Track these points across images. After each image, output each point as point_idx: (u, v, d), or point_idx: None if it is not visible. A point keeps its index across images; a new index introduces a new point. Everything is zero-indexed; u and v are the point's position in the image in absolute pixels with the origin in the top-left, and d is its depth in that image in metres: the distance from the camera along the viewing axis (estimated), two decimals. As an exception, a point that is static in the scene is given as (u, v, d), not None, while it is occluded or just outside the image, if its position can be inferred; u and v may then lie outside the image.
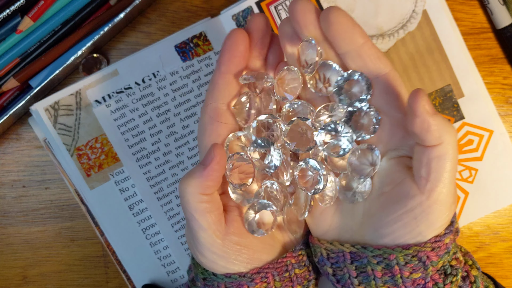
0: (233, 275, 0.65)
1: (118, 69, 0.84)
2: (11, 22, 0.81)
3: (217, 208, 0.64)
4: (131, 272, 0.87)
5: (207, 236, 0.63)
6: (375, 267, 0.63)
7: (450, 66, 0.84)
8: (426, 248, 0.61)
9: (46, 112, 0.83)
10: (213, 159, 0.62)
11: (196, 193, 0.62)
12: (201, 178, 0.62)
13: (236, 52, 0.63)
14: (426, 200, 0.60)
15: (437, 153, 0.59)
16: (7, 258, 0.90)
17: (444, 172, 0.59)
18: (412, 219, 0.61)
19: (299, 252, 0.69)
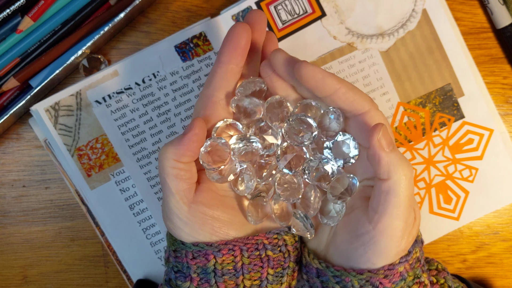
0: (200, 244, 0.67)
1: (118, 69, 0.84)
2: (11, 22, 0.81)
3: (189, 177, 0.67)
4: (131, 271, 0.87)
5: (175, 201, 0.66)
6: (335, 286, 0.67)
7: (450, 65, 0.85)
8: (378, 275, 0.65)
9: (47, 112, 0.83)
10: (191, 130, 0.64)
11: (171, 159, 0.65)
12: (177, 146, 0.65)
13: (238, 44, 0.65)
14: (372, 230, 0.64)
15: (386, 187, 0.62)
16: (7, 257, 0.90)
17: (391, 206, 0.62)
18: (361, 245, 0.65)
19: (274, 236, 0.70)
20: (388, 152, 0.61)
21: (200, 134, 0.65)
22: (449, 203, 0.87)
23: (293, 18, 0.84)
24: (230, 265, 0.68)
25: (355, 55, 0.85)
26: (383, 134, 0.61)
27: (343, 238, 0.67)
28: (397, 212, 0.62)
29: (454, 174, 0.86)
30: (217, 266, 0.67)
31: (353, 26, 0.84)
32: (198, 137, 0.65)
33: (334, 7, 0.84)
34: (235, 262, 0.68)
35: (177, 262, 0.69)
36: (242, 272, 0.68)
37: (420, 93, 0.85)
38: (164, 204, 0.68)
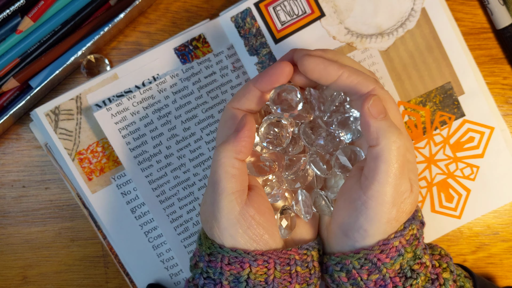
0: (238, 250, 0.67)
1: (118, 72, 0.84)
2: (11, 22, 0.81)
3: (243, 180, 0.68)
4: (134, 275, 0.87)
5: (228, 201, 0.66)
6: (340, 274, 0.69)
7: (449, 63, 0.85)
8: (374, 251, 0.67)
9: (47, 117, 0.83)
10: (245, 125, 0.66)
11: (231, 157, 0.66)
12: (234, 143, 0.66)
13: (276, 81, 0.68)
14: (363, 195, 0.66)
15: (375, 153, 0.65)
16: (7, 258, 0.90)
17: (379, 172, 0.64)
18: (353, 210, 0.67)
19: (304, 251, 0.71)
20: (378, 120, 0.64)
21: (253, 128, 0.67)
22: (451, 201, 0.87)
23: (292, 19, 0.84)
24: (262, 276, 0.68)
25: (354, 55, 0.85)
26: (374, 103, 0.65)
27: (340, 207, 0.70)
28: (386, 178, 0.64)
29: (455, 172, 0.86)
30: (251, 276, 0.68)
31: (352, 26, 0.84)
32: (252, 131, 0.67)
33: (333, 7, 0.84)
34: (268, 275, 0.68)
35: (209, 267, 0.70)
36: (273, 285, 0.69)
37: (420, 92, 0.85)
38: (214, 204, 0.68)
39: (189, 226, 0.86)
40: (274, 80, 0.68)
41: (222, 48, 0.85)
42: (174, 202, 0.86)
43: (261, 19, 0.83)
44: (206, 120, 0.85)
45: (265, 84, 0.68)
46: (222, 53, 0.85)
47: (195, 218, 0.86)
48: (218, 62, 0.85)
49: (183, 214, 0.86)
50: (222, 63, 0.85)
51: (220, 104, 0.85)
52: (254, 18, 0.83)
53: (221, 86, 0.85)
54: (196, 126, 0.85)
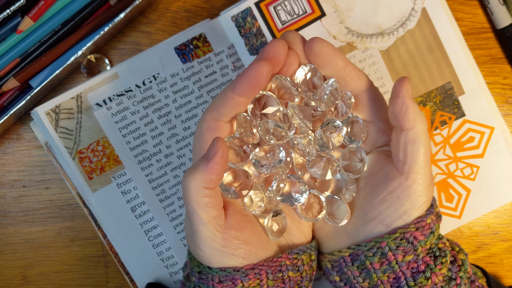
0: (227, 269, 0.66)
1: (119, 72, 0.84)
2: (11, 22, 0.81)
3: (218, 203, 0.64)
4: (134, 273, 0.87)
5: (207, 231, 0.64)
6: (372, 260, 0.67)
7: (450, 63, 0.85)
8: (410, 228, 0.66)
9: (47, 116, 0.83)
10: (216, 153, 0.61)
11: (200, 187, 0.62)
12: (204, 172, 0.61)
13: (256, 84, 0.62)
14: (405, 180, 0.65)
15: (412, 137, 0.64)
16: (7, 258, 0.90)
17: (419, 155, 0.65)
18: (395, 199, 0.66)
19: (295, 256, 0.70)
20: (413, 103, 0.64)
21: (225, 155, 0.62)
22: (451, 201, 0.87)
23: (293, 18, 0.84)
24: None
25: (355, 54, 0.85)
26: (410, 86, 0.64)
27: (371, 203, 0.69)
28: (426, 159, 0.65)
29: (455, 172, 0.86)
30: None
31: (352, 26, 0.84)
32: (224, 158, 0.62)
33: (333, 7, 0.84)
34: (261, 286, 0.67)
35: (201, 283, 0.68)
36: None
37: (421, 91, 0.85)
38: (194, 234, 0.65)
39: (189, 225, 0.86)
40: (254, 84, 0.62)
41: (222, 48, 0.85)
42: (174, 201, 0.86)
43: (262, 18, 0.83)
44: (206, 119, 0.85)
45: (244, 89, 0.63)
46: (222, 52, 0.85)
47: (195, 218, 0.86)
48: (219, 61, 0.85)
49: (182, 213, 0.86)
50: (223, 63, 0.85)
51: (220, 104, 0.85)
52: (255, 18, 0.83)
53: (222, 86, 0.85)
54: (196, 125, 0.85)
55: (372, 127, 0.70)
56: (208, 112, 0.66)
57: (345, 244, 0.71)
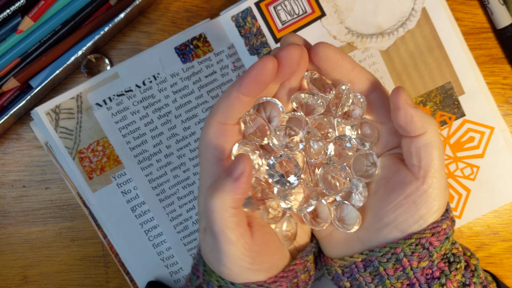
0: (251, 285, 0.65)
1: (119, 71, 0.84)
2: (11, 22, 0.81)
3: (244, 221, 0.63)
4: (134, 273, 0.87)
5: (236, 250, 0.62)
6: (386, 266, 0.66)
7: (450, 63, 0.85)
8: (426, 234, 0.65)
9: (48, 116, 0.83)
10: (244, 172, 0.59)
11: (227, 208, 0.60)
12: (231, 192, 0.59)
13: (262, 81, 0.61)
14: (421, 185, 0.65)
15: (424, 141, 0.64)
16: (7, 258, 0.90)
17: (433, 158, 0.64)
18: (411, 203, 0.65)
19: (306, 258, 0.71)
20: (416, 109, 0.63)
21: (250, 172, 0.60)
22: (451, 201, 0.87)
23: (293, 18, 0.84)
24: None
25: (355, 54, 0.85)
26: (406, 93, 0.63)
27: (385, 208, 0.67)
28: (441, 162, 0.65)
29: (455, 172, 0.86)
30: None
31: (352, 26, 0.84)
32: (250, 177, 0.60)
33: (333, 7, 0.84)
34: None
35: None
36: None
37: (421, 91, 0.85)
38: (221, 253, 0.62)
39: (189, 225, 0.87)
40: (260, 81, 0.61)
41: (222, 48, 0.85)
42: (174, 201, 0.86)
43: (262, 18, 0.83)
44: (207, 119, 0.85)
45: (251, 87, 0.61)
46: (222, 52, 0.85)
47: (194, 217, 0.87)
48: (219, 61, 0.85)
49: (182, 212, 0.86)
50: (223, 63, 0.85)
51: (220, 104, 0.85)
52: (255, 18, 0.83)
53: (222, 86, 0.85)
54: (196, 125, 0.85)
55: (383, 128, 0.69)
56: (213, 117, 0.64)
57: (356, 249, 0.69)
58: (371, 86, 0.67)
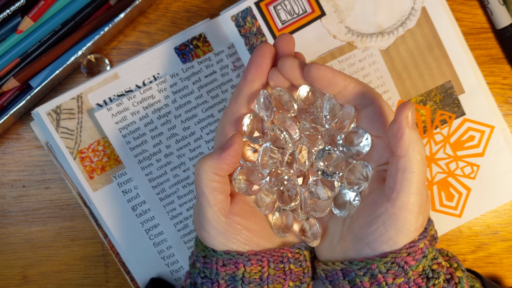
0: (231, 252, 0.70)
1: (119, 72, 0.84)
2: (11, 22, 0.81)
3: (225, 190, 0.69)
4: (135, 272, 0.88)
5: (212, 212, 0.69)
6: (363, 279, 0.68)
7: (450, 62, 0.85)
8: (402, 254, 0.66)
9: (48, 116, 0.83)
10: (231, 146, 0.67)
11: (210, 172, 0.68)
12: (217, 160, 0.67)
13: (263, 63, 0.69)
14: (391, 207, 0.65)
15: (402, 165, 0.64)
16: (7, 257, 0.90)
17: (408, 183, 0.64)
18: (381, 224, 0.66)
19: (297, 250, 0.73)
20: (411, 130, 0.63)
21: (239, 150, 0.68)
22: (451, 200, 0.87)
23: (293, 18, 0.84)
24: (257, 274, 0.71)
25: (355, 54, 0.85)
26: (412, 112, 0.63)
27: (361, 223, 0.69)
28: (414, 188, 0.64)
29: (455, 171, 0.86)
30: (245, 275, 0.70)
31: (352, 25, 0.84)
32: (237, 152, 0.68)
33: (333, 6, 0.84)
34: (262, 272, 0.71)
35: (205, 268, 0.72)
36: (267, 282, 0.71)
37: (421, 91, 0.85)
38: (201, 214, 0.70)
39: (189, 223, 0.87)
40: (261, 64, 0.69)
41: (222, 47, 0.85)
42: (174, 200, 0.86)
43: (262, 18, 0.84)
44: (206, 119, 0.85)
45: (255, 72, 0.69)
46: (222, 52, 0.85)
47: (195, 216, 0.87)
48: (219, 61, 0.85)
49: (183, 211, 0.86)
50: (223, 62, 0.85)
51: (220, 104, 0.85)
52: (255, 17, 0.83)
53: (222, 86, 0.85)
54: (196, 125, 0.85)
55: (378, 142, 0.70)
56: (228, 107, 0.72)
57: (338, 256, 0.72)
58: (367, 100, 0.68)
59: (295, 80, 0.68)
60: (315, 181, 0.70)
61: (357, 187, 0.70)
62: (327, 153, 0.68)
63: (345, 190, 0.72)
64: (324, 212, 0.72)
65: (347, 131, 0.69)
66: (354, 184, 0.70)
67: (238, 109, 0.71)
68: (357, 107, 0.69)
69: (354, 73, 0.85)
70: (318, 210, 0.72)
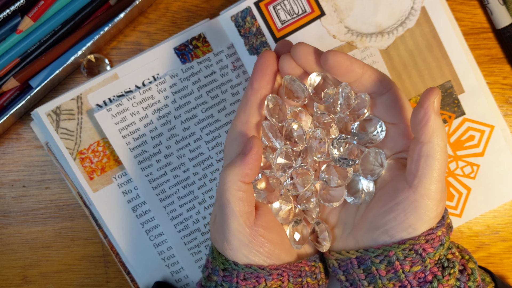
0: (253, 266, 0.68)
1: (118, 72, 0.84)
2: (11, 22, 0.81)
3: (251, 200, 0.68)
4: (135, 273, 0.88)
5: (237, 224, 0.67)
6: (379, 266, 0.67)
7: (449, 62, 0.85)
8: (420, 240, 0.66)
9: (48, 117, 0.83)
10: (252, 149, 0.66)
11: (236, 180, 0.66)
12: (241, 166, 0.66)
13: (267, 70, 0.69)
14: (413, 194, 0.65)
15: (426, 151, 0.64)
16: (7, 258, 0.90)
17: (431, 170, 0.64)
18: (401, 211, 0.66)
19: (313, 263, 0.73)
20: (436, 117, 0.63)
21: (260, 151, 0.67)
22: (451, 200, 0.87)
23: (292, 18, 0.84)
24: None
25: (354, 53, 0.85)
26: (439, 98, 0.63)
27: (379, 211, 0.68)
28: (436, 174, 0.64)
29: (455, 171, 0.86)
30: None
31: (352, 25, 0.84)
32: (259, 154, 0.67)
33: (333, 6, 0.84)
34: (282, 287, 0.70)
35: (224, 281, 0.70)
36: None
37: (421, 90, 0.85)
38: (224, 225, 0.68)
39: (189, 224, 0.87)
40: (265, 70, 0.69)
41: (222, 48, 0.85)
42: (174, 201, 0.86)
43: (261, 18, 0.84)
44: (206, 120, 0.85)
45: (260, 79, 0.69)
46: (222, 52, 0.85)
47: (194, 216, 0.87)
48: (218, 61, 0.85)
49: (183, 212, 0.86)
50: (222, 63, 0.85)
51: (220, 104, 0.85)
52: (254, 17, 0.83)
53: (221, 86, 0.85)
54: (195, 126, 0.85)
55: (393, 130, 0.70)
56: (236, 118, 0.71)
57: (350, 246, 0.72)
58: (383, 88, 0.68)
59: (308, 66, 0.68)
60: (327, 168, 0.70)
61: (373, 174, 0.70)
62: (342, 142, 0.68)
63: (358, 177, 0.72)
64: (340, 201, 0.72)
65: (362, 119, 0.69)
66: (369, 171, 0.70)
67: (248, 119, 0.70)
68: (373, 95, 0.69)
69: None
70: (333, 200, 0.72)
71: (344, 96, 0.68)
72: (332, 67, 0.65)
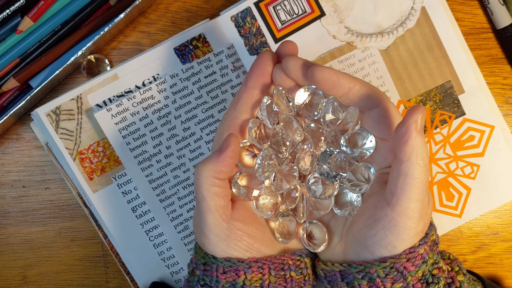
0: (232, 259, 0.69)
1: (118, 72, 0.84)
2: (11, 22, 0.81)
3: (226, 195, 0.69)
4: (135, 273, 0.88)
5: (213, 218, 0.68)
6: (361, 282, 0.68)
7: (450, 62, 0.85)
8: (401, 259, 0.66)
9: (48, 117, 0.83)
10: (228, 147, 0.67)
11: (210, 176, 0.67)
12: (215, 163, 0.67)
13: (264, 71, 0.69)
14: (391, 212, 0.65)
15: (405, 170, 0.63)
16: (7, 258, 0.90)
17: (409, 189, 0.63)
18: (380, 228, 0.66)
19: (298, 257, 0.73)
20: (417, 135, 0.62)
21: (236, 149, 0.68)
22: (451, 200, 0.87)
23: (292, 18, 0.84)
24: (257, 282, 0.70)
25: (354, 54, 0.85)
26: (423, 116, 0.62)
27: (360, 226, 0.68)
28: (415, 193, 0.63)
29: (455, 171, 0.86)
30: (246, 282, 0.69)
31: (352, 25, 0.84)
32: (235, 152, 0.68)
33: (333, 7, 0.84)
34: (263, 280, 0.70)
35: (205, 275, 0.71)
36: None
37: (421, 90, 0.85)
38: (201, 220, 0.69)
39: (189, 225, 0.87)
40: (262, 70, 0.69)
41: (222, 48, 0.85)
42: (174, 201, 0.86)
43: (261, 18, 0.84)
44: (206, 120, 0.85)
45: (255, 79, 0.69)
46: (222, 52, 0.85)
47: (195, 217, 0.86)
48: (218, 61, 0.85)
49: (183, 212, 0.86)
50: (222, 63, 0.85)
51: (220, 104, 0.85)
52: (254, 18, 0.83)
53: (221, 86, 0.85)
54: (196, 126, 0.85)
55: (382, 145, 0.69)
56: (227, 113, 0.72)
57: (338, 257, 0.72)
58: (372, 102, 0.67)
59: (298, 80, 0.68)
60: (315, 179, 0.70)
61: (358, 188, 0.69)
62: (330, 155, 0.68)
63: (346, 190, 0.72)
64: (327, 210, 0.72)
65: (351, 132, 0.68)
66: (355, 186, 0.69)
67: (237, 115, 0.71)
68: (362, 109, 0.68)
69: (353, 73, 0.85)
70: (320, 208, 0.72)
71: (331, 111, 0.68)
72: (318, 82, 0.65)
